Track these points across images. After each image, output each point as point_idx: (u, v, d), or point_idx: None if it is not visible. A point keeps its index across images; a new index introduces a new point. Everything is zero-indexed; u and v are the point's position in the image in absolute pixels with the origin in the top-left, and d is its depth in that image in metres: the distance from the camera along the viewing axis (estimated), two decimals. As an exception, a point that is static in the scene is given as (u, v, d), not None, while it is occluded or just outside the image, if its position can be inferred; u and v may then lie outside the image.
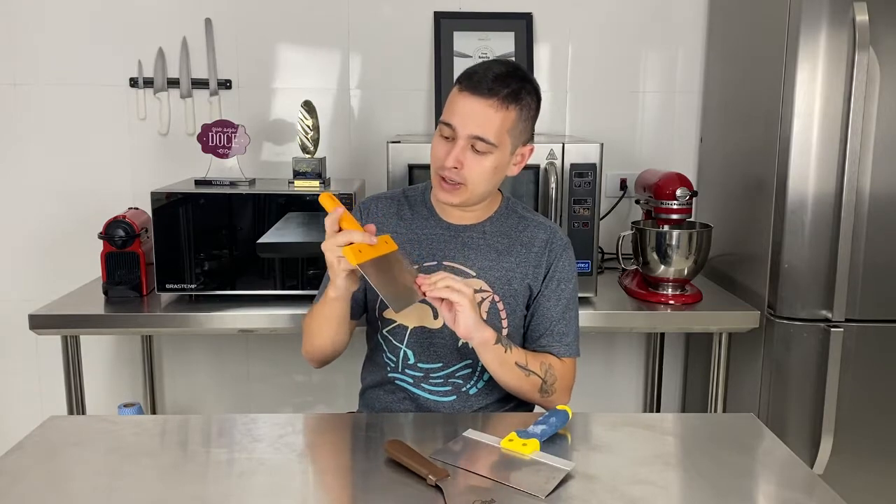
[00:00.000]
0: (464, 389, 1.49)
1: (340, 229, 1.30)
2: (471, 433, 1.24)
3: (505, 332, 1.49)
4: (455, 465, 1.13)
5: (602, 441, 1.28)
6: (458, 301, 1.31)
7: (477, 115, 1.38)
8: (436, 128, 1.47)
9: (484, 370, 1.48)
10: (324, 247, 1.31)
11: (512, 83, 1.39)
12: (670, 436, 1.32)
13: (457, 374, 1.49)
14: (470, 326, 1.33)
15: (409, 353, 1.50)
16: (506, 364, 1.42)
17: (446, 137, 1.41)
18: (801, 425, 2.01)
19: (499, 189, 1.55)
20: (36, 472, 1.13)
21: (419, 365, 1.49)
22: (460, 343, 1.48)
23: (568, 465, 1.13)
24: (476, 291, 1.46)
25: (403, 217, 1.54)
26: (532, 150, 1.50)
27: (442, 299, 1.32)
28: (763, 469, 1.21)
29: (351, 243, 1.27)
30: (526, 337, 1.55)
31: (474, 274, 1.48)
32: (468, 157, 1.39)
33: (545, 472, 1.12)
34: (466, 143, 1.39)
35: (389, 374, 1.52)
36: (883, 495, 2.04)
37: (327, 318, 1.45)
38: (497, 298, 1.48)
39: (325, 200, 1.32)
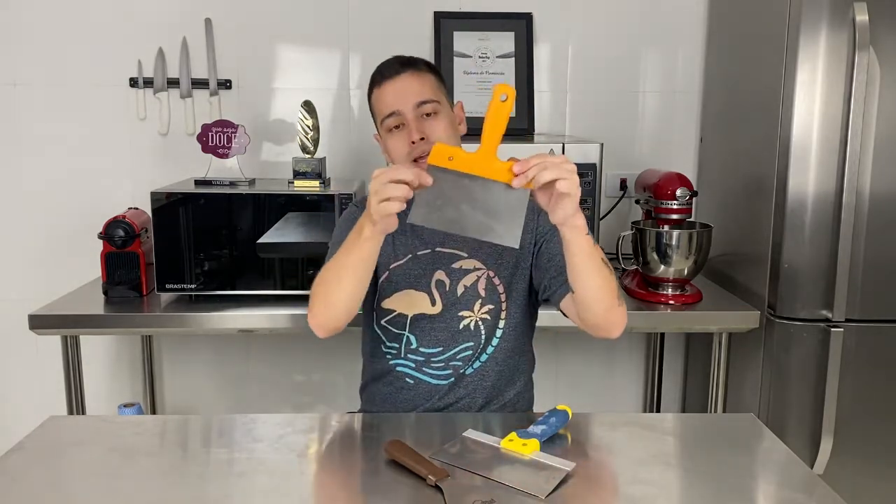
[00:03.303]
0: (461, 371, 1.51)
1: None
2: (471, 433, 1.24)
3: (503, 305, 1.51)
4: (455, 466, 1.13)
5: (602, 441, 1.28)
6: (571, 189, 1.18)
7: (407, 86, 1.47)
8: (378, 138, 1.55)
9: (482, 352, 1.51)
10: (377, 177, 1.20)
11: (412, 60, 1.52)
12: (670, 436, 1.32)
13: (457, 357, 1.51)
14: (571, 212, 1.22)
15: (412, 337, 1.52)
16: (594, 256, 1.35)
17: (396, 128, 1.47)
18: (801, 425, 2.00)
19: None
20: (36, 472, 1.13)
21: (421, 349, 1.51)
22: (461, 325, 1.50)
23: (568, 465, 1.13)
24: (470, 271, 1.51)
25: None
26: (462, 107, 1.59)
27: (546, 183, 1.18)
28: (763, 469, 1.21)
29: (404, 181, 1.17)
30: (551, 285, 1.48)
31: (467, 255, 1.51)
32: (425, 125, 1.46)
33: (545, 472, 1.12)
34: (415, 113, 1.46)
35: (391, 362, 1.53)
36: (883, 495, 2.04)
37: (353, 264, 1.35)
38: (492, 273, 1.51)
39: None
